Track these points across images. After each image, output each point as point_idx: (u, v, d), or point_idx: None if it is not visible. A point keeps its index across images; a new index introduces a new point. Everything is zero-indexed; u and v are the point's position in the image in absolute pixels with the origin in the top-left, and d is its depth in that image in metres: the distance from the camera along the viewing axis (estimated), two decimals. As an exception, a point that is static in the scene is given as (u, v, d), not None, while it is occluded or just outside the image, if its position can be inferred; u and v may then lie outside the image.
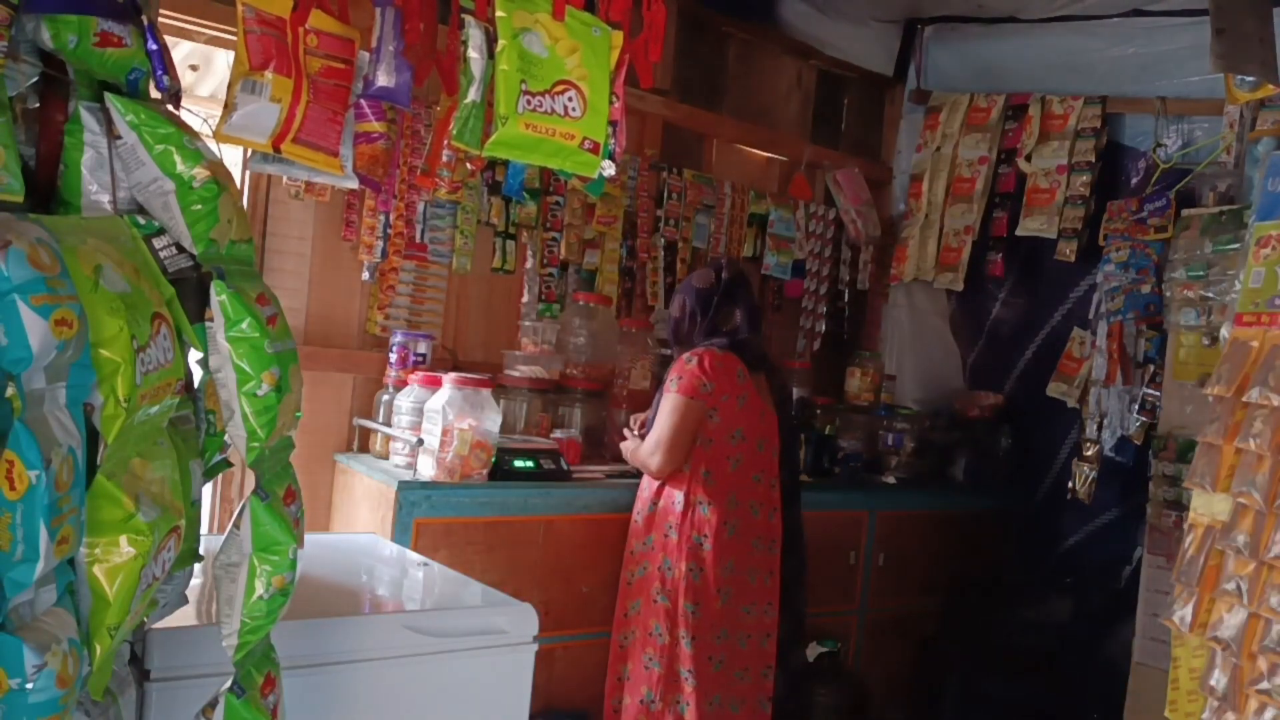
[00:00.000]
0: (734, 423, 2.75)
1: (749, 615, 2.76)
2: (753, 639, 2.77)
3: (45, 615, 1.00)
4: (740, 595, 2.74)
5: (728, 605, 2.72)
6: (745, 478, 2.77)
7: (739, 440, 2.76)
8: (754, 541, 2.76)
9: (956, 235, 4.11)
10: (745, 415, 2.77)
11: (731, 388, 2.75)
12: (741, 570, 2.74)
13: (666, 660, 2.67)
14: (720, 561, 2.70)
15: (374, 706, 1.77)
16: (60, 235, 1.01)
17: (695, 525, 2.70)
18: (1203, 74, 3.34)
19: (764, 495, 2.80)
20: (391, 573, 2.33)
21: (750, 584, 2.76)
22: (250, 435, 1.26)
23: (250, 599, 1.28)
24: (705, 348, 2.78)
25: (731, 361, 2.77)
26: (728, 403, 2.74)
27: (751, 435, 2.78)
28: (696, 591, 2.68)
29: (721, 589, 2.70)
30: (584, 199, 3.42)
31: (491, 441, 2.75)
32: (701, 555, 2.69)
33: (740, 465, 2.76)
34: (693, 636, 2.66)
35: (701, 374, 2.72)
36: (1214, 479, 2.07)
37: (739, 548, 2.73)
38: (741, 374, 2.78)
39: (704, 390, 2.71)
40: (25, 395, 0.95)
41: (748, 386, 2.79)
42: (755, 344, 2.87)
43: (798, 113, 4.24)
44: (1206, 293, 2.94)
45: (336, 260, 3.09)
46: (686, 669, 2.66)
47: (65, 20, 1.14)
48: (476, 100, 1.76)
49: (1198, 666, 2.11)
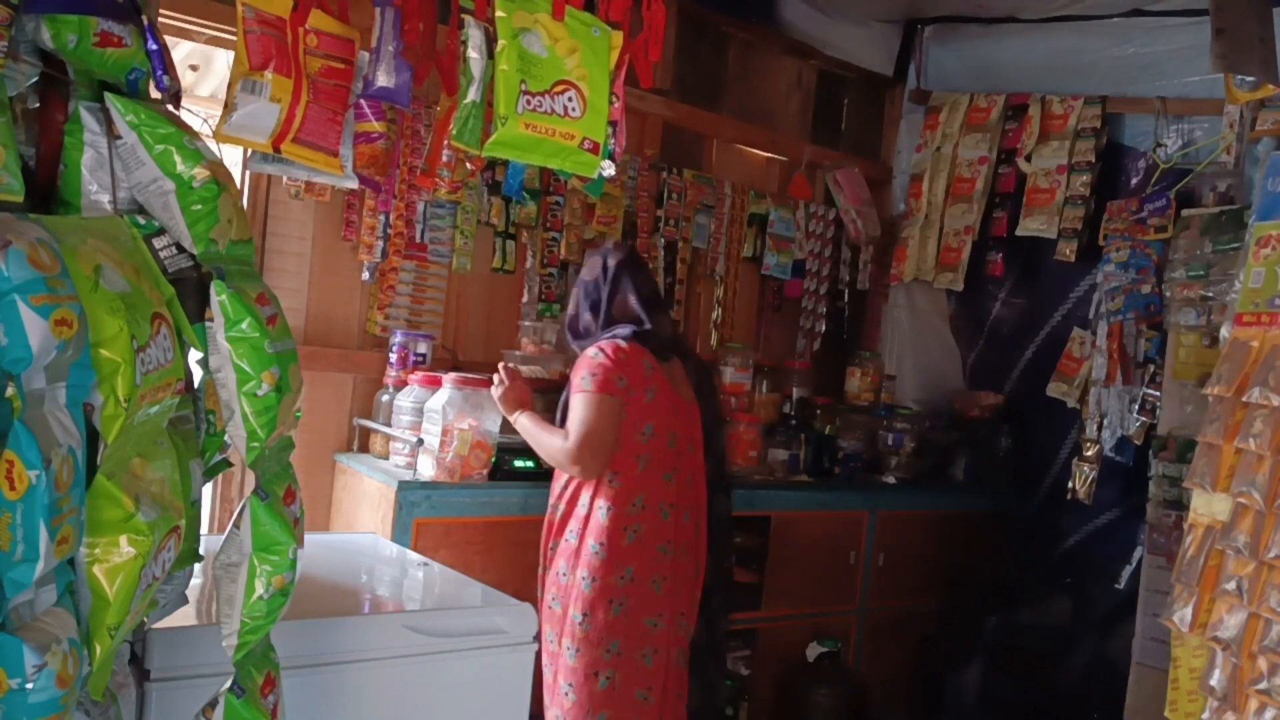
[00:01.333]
0: (642, 419, 2.50)
1: (655, 629, 2.49)
2: (661, 654, 2.50)
3: (45, 615, 1.00)
4: (642, 607, 2.47)
5: (622, 617, 2.46)
6: (654, 478, 2.51)
7: (648, 437, 2.51)
8: (661, 547, 2.50)
9: (956, 235, 4.11)
10: (654, 410, 2.52)
11: (639, 381, 2.50)
12: (644, 579, 2.47)
13: (553, 670, 2.49)
14: (615, 570, 2.45)
15: (374, 706, 1.77)
16: (60, 235, 1.01)
17: (595, 532, 2.46)
18: (1203, 74, 3.34)
19: (675, 496, 2.54)
20: (391, 573, 2.33)
21: (656, 593, 2.48)
22: (250, 435, 1.26)
23: (250, 599, 1.28)
24: (608, 340, 2.55)
25: (637, 352, 2.53)
26: (635, 398, 2.50)
27: (662, 431, 2.53)
28: (587, 601, 2.44)
29: (615, 599, 2.44)
30: (584, 199, 3.42)
31: (491, 441, 2.76)
32: (594, 563, 2.45)
33: (649, 465, 2.51)
34: (577, 649, 2.45)
35: (613, 366, 2.48)
36: (1214, 479, 2.07)
37: (641, 554, 2.47)
38: (649, 366, 2.53)
39: (620, 385, 2.48)
40: (25, 395, 0.95)
41: (657, 379, 2.54)
42: (662, 330, 2.63)
43: (798, 113, 4.24)
44: (1206, 293, 2.94)
45: (336, 260, 3.09)
46: (567, 682, 2.46)
47: (65, 20, 1.14)
48: (476, 100, 1.76)
49: (1198, 666, 2.11)
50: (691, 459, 2.60)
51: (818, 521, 3.53)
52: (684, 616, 2.55)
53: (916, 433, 3.94)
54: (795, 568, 3.46)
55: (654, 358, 2.56)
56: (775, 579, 3.43)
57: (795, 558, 3.45)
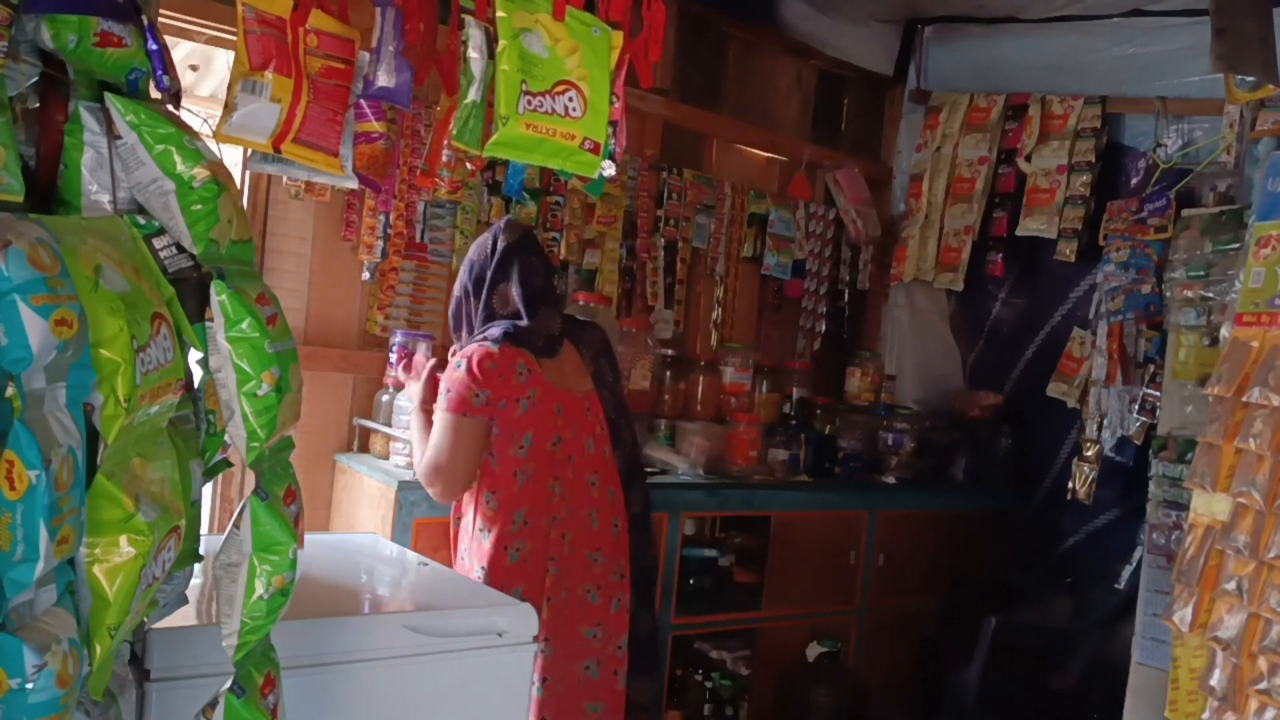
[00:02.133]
0: (519, 431, 2.29)
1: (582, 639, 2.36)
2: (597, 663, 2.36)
3: (45, 615, 0.99)
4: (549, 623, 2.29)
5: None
6: (538, 490, 2.31)
7: (526, 450, 2.30)
8: (548, 563, 2.33)
9: (956, 235, 4.11)
10: (532, 419, 2.30)
11: (510, 391, 2.27)
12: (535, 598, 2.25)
13: None
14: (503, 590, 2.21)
15: (374, 706, 1.77)
16: (60, 235, 1.01)
17: (475, 554, 2.31)
18: (1203, 74, 3.34)
19: (570, 503, 2.35)
20: (391, 573, 2.33)
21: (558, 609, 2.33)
22: (250, 435, 1.26)
23: (250, 599, 1.28)
24: (478, 344, 2.31)
25: (509, 356, 2.28)
26: (506, 410, 2.27)
27: (542, 439, 2.32)
28: None
29: None
30: (584, 199, 3.42)
31: None
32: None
33: (529, 478, 2.30)
34: None
35: (471, 383, 2.25)
36: (1214, 479, 2.07)
37: (529, 572, 2.30)
38: (523, 370, 2.30)
39: (477, 403, 2.25)
40: (25, 395, 0.95)
41: (536, 382, 2.31)
42: (545, 325, 2.37)
43: (798, 113, 4.24)
44: (1206, 293, 2.94)
45: (336, 260, 3.09)
46: None
47: (65, 20, 1.14)
48: (476, 100, 1.75)
49: (1198, 666, 2.11)
50: (590, 457, 2.40)
51: (818, 521, 3.53)
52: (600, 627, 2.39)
53: (916, 433, 3.94)
54: (795, 568, 3.46)
55: (532, 358, 2.33)
56: (775, 579, 3.43)
57: (795, 558, 3.45)
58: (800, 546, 3.46)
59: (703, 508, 3.31)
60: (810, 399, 3.84)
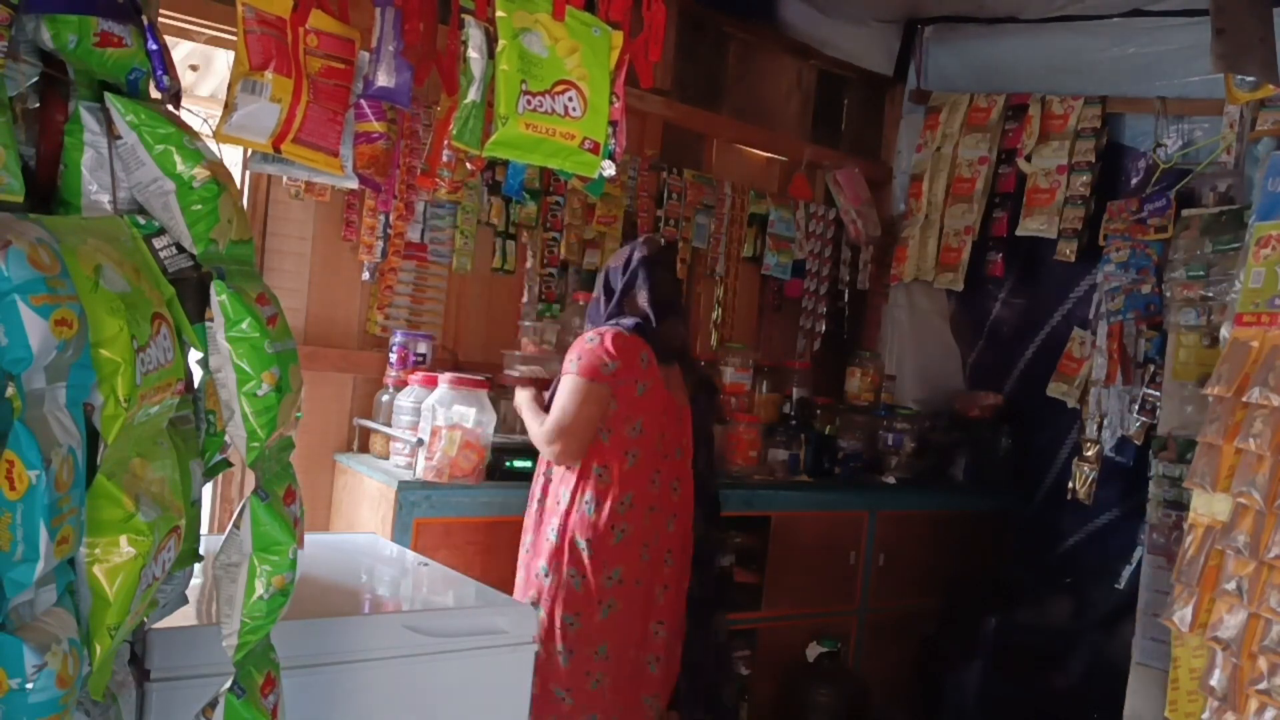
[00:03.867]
0: (633, 413, 2.46)
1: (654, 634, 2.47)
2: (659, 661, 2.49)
3: (45, 615, 0.99)
4: (628, 609, 2.44)
5: (611, 620, 2.41)
6: (643, 477, 2.46)
7: (637, 433, 2.46)
8: (642, 549, 2.46)
9: (956, 235, 4.11)
10: (646, 405, 2.47)
11: (631, 370, 2.45)
12: (630, 581, 2.44)
13: (541, 678, 2.35)
14: (604, 570, 2.41)
15: (374, 706, 1.77)
16: (60, 235, 1.01)
17: (579, 527, 2.41)
18: (1203, 74, 3.34)
19: (660, 499, 2.50)
20: (391, 573, 2.33)
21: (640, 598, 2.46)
22: (250, 435, 1.26)
23: (250, 599, 1.28)
24: (610, 326, 2.51)
25: (636, 344, 2.48)
26: (626, 388, 2.44)
27: (652, 429, 2.48)
28: (577, 601, 2.39)
29: (604, 601, 2.40)
30: (584, 199, 3.42)
31: (483, 442, 2.74)
32: (583, 562, 2.40)
33: (638, 462, 2.46)
34: (571, 651, 2.38)
35: (604, 353, 2.43)
36: (1214, 479, 2.07)
37: (628, 555, 2.43)
38: (645, 359, 2.48)
39: (606, 370, 2.43)
40: (25, 395, 0.95)
41: (652, 374, 2.49)
42: (670, 334, 2.58)
43: (798, 113, 4.24)
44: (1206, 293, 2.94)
45: (336, 260, 3.09)
46: (563, 689, 2.39)
47: (65, 20, 1.14)
48: (476, 100, 1.75)
49: (1198, 666, 2.11)
50: (678, 464, 2.56)
51: (818, 521, 3.53)
52: (662, 625, 2.51)
53: (916, 433, 3.94)
54: (795, 568, 3.46)
55: (652, 354, 2.51)
56: (775, 579, 3.43)
57: (795, 558, 3.45)
58: (800, 546, 3.46)
59: (703, 508, 3.31)
60: (810, 399, 3.84)
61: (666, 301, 2.59)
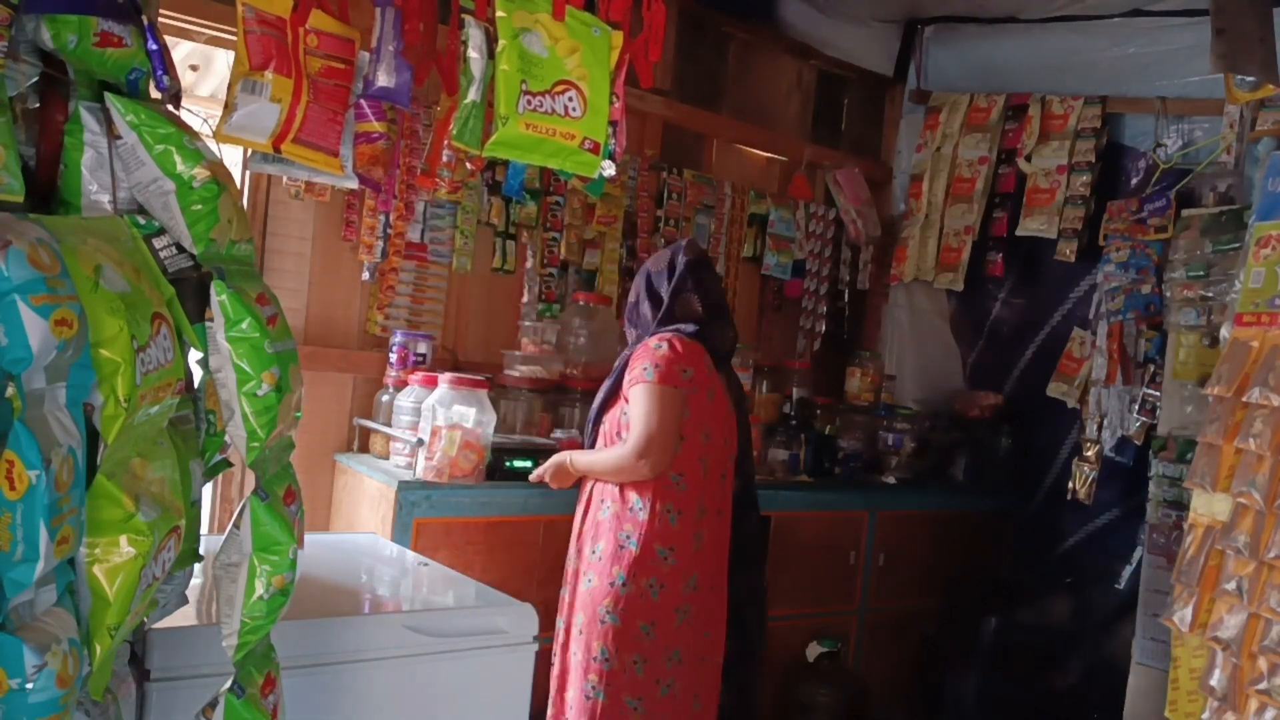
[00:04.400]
0: (704, 420, 2.43)
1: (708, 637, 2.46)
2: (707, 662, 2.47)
3: (45, 615, 1.00)
4: (699, 614, 2.42)
5: (684, 625, 2.38)
6: (713, 483, 2.46)
7: (707, 439, 2.44)
8: (715, 553, 2.47)
9: (956, 235, 4.11)
10: (714, 411, 2.46)
11: (703, 378, 2.43)
12: (704, 586, 2.42)
13: (612, 689, 2.32)
14: (685, 577, 2.38)
15: (374, 706, 1.77)
16: (60, 235, 1.01)
17: (662, 537, 2.35)
18: (1203, 74, 3.34)
19: (724, 503, 2.50)
20: (391, 573, 2.33)
21: (709, 601, 2.45)
22: (250, 435, 1.26)
23: (250, 599, 1.28)
24: (672, 332, 2.45)
25: (700, 350, 2.44)
26: (698, 395, 2.41)
27: (718, 434, 2.48)
28: (654, 610, 2.34)
29: (680, 607, 2.37)
30: (584, 199, 3.42)
31: (483, 442, 2.74)
32: (664, 570, 2.35)
33: (709, 468, 2.44)
34: (646, 660, 2.33)
35: (676, 359, 2.38)
36: (1214, 479, 2.07)
37: (702, 561, 2.42)
38: (709, 364, 2.47)
39: (684, 377, 2.38)
40: (25, 395, 0.95)
41: (715, 380, 2.48)
42: (722, 337, 2.56)
43: (798, 113, 4.24)
44: (1206, 293, 2.94)
45: (336, 260, 3.09)
46: (635, 698, 2.33)
47: (65, 20, 1.14)
48: (476, 100, 1.75)
49: (1198, 666, 2.11)
50: (731, 467, 2.55)
51: (818, 521, 3.53)
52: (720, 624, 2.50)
53: (916, 433, 3.94)
54: (795, 568, 3.46)
55: (711, 360, 2.48)
56: (775, 579, 3.42)
57: (795, 558, 3.45)
58: (800, 546, 3.46)
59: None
60: (810, 399, 3.84)
61: (718, 304, 2.57)
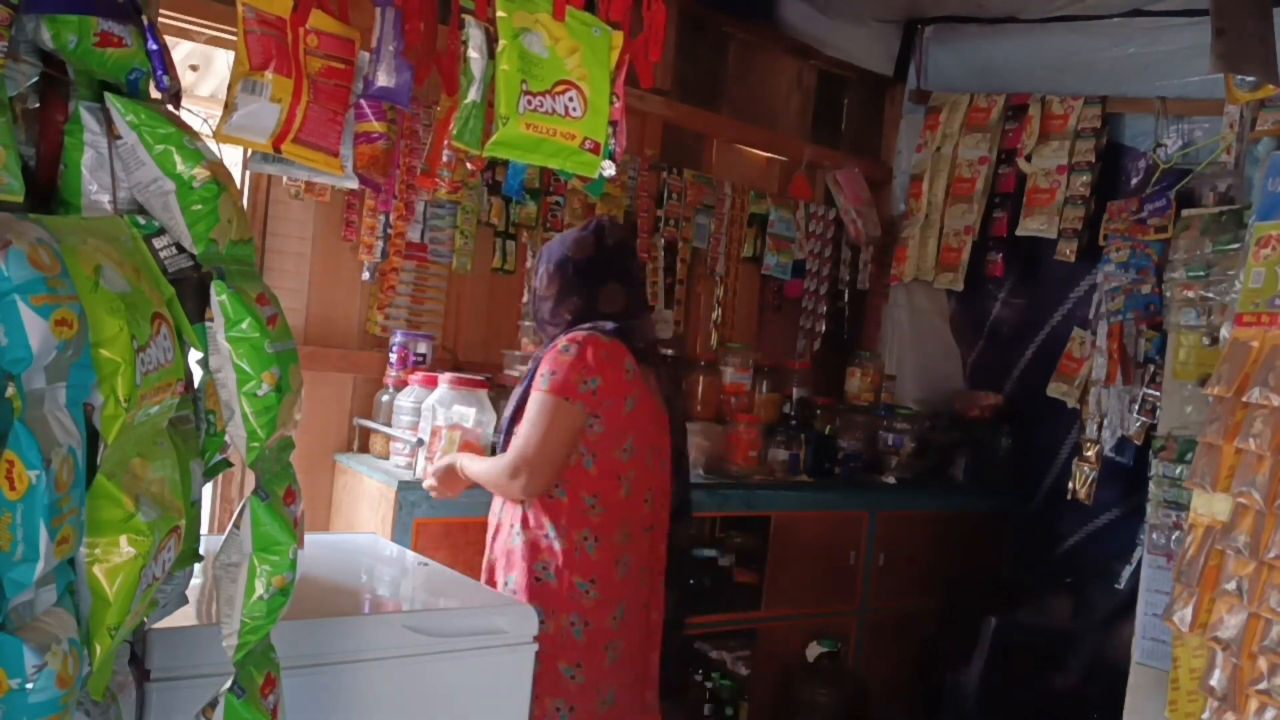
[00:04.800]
0: (623, 432, 2.16)
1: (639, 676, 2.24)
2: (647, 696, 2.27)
3: (45, 615, 0.99)
4: (630, 648, 2.19)
5: (616, 664, 2.16)
6: (637, 501, 2.19)
7: (629, 454, 2.17)
8: (641, 578, 2.22)
9: (956, 235, 4.11)
10: (635, 420, 2.18)
11: (619, 387, 2.14)
12: (632, 610, 2.19)
13: None
14: (610, 611, 2.14)
15: (374, 706, 1.77)
16: (60, 235, 1.01)
17: (581, 568, 2.12)
18: (1203, 74, 3.33)
19: (653, 517, 2.24)
20: (391, 573, 2.33)
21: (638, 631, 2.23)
22: (250, 435, 1.26)
23: (250, 599, 1.28)
24: (587, 332, 2.16)
25: (619, 352, 2.16)
26: (612, 407, 2.14)
27: (642, 445, 2.20)
28: (578, 651, 2.11)
29: (610, 644, 2.14)
30: (584, 199, 3.42)
31: (483, 442, 2.73)
32: (587, 605, 2.11)
33: (632, 486, 2.18)
34: (573, 707, 2.11)
35: (582, 368, 2.10)
36: (1214, 479, 2.07)
37: (629, 587, 2.18)
38: (630, 368, 2.17)
39: (584, 389, 2.10)
40: (25, 395, 0.95)
41: (638, 383, 2.19)
42: (646, 329, 2.29)
43: (798, 113, 4.24)
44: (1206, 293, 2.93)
45: (336, 260, 3.09)
46: None
47: (65, 20, 1.14)
48: (476, 100, 1.75)
49: (1198, 666, 2.11)
50: (661, 474, 2.29)
51: (818, 521, 3.53)
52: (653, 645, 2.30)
53: (916, 433, 3.94)
54: (795, 568, 3.46)
55: (635, 360, 2.21)
56: (775, 579, 3.43)
57: (795, 558, 3.45)
58: (800, 546, 3.46)
59: (703, 508, 3.30)
60: (810, 399, 3.84)
61: (642, 294, 2.32)
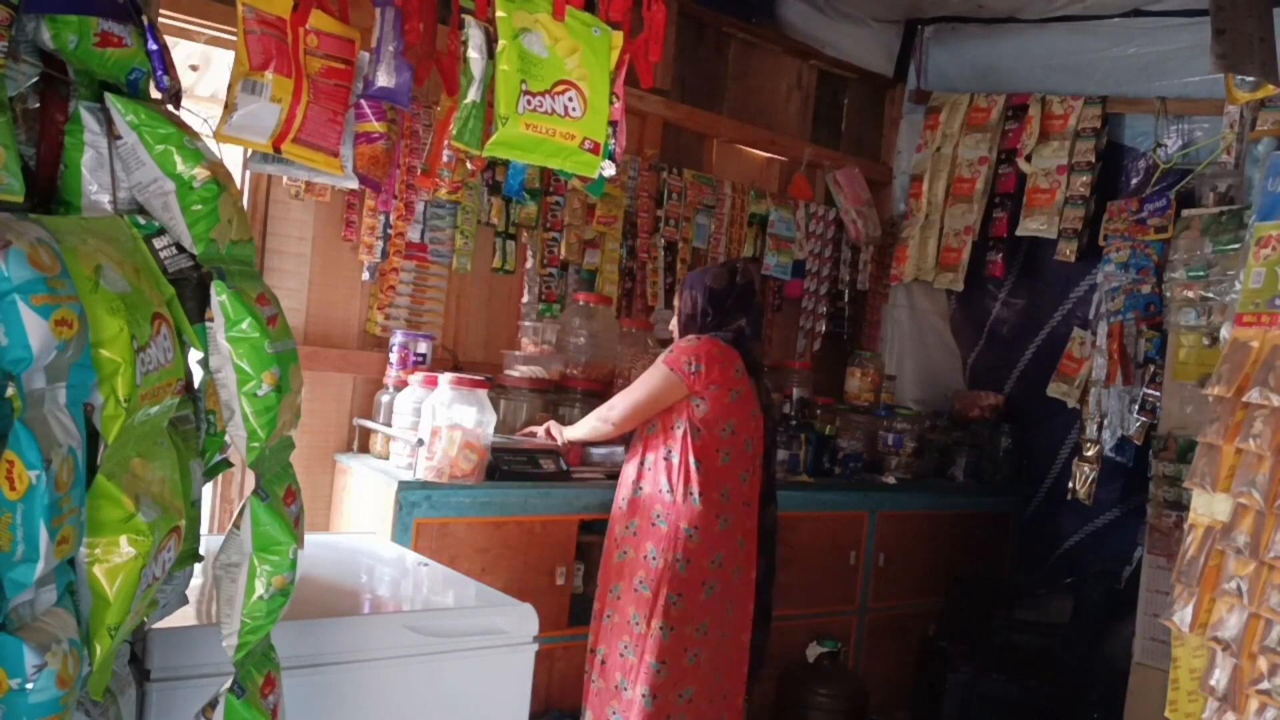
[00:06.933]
0: (725, 415, 2.72)
1: (730, 613, 2.73)
2: (728, 637, 2.75)
3: (45, 615, 1.00)
4: (725, 591, 2.71)
5: (711, 599, 2.68)
6: (734, 474, 2.74)
7: (729, 434, 2.73)
8: (740, 539, 2.74)
9: (956, 235, 4.11)
10: (737, 410, 2.74)
11: (725, 379, 2.72)
12: (729, 566, 2.71)
13: (640, 650, 2.63)
14: (709, 554, 2.67)
15: (374, 706, 1.77)
16: (60, 235, 1.01)
17: (686, 516, 2.65)
18: (1203, 74, 3.34)
19: (750, 494, 2.78)
20: (391, 573, 2.33)
21: (734, 581, 2.73)
22: (250, 435, 1.26)
23: (250, 599, 1.28)
24: (710, 336, 2.77)
25: (732, 354, 2.75)
26: (717, 393, 2.70)
27: (741, 431, 2.76)
28: (681, 583, 2.64)
29: (707, 582, 2.67)
30: (584, 199, 3.42)
31: (483, 442, 2.74)
32: (690, 546, 2.65)
33: (730, 460, 2.73)
34: (672, 628, 2.63)
35: (692, 354, 2.70)
36: (1214, 479, 2.07)
37: (728, 543, 2.71)
38: (740, 369, 2.76)
39: (688, 369, 2.69)
40: (25, 395, 0.95)
41: (744, 383, 2.77)
42: (756, 350, 2.87)
43: (798, 113, 4.24)
44: (1206, 293, 2.94)
45: (336, 260, 3.09)
46: (658, 660, 2.61)
47: (65, 20, 1.14)
48: (476, 100, 1.76)
49: (1198, 666, 2.11)
50: (756, 462, 2.80)
51: (818, 521, 3.53)
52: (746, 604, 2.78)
53: (916, 433, 3.94)
54: (795, 568, 3.46)
55: (745, 366, 2.77)
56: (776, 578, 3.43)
57: (795, 558, 3.45)
58: (800, 546, 3.46)
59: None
60: (810, 399, 3.84)
61: (760, 324, 2.93)
